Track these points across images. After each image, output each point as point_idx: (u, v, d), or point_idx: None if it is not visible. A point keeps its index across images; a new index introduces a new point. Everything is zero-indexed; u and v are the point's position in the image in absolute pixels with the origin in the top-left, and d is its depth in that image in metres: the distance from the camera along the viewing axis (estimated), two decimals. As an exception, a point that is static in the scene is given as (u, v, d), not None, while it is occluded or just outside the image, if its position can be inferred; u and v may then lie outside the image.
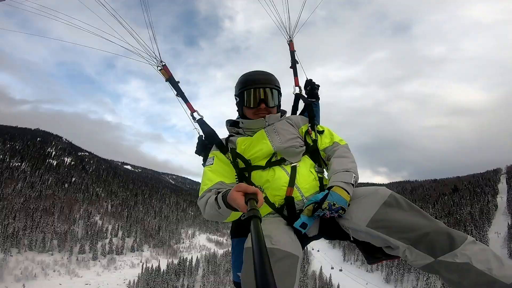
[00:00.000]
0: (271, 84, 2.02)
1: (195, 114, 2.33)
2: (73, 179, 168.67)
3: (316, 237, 1.81)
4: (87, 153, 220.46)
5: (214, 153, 2.01)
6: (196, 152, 2.35)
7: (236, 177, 1.92)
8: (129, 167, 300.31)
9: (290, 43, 2.70)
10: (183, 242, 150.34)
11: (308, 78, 2.57)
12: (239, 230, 1.98)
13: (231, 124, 2.19)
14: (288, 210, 1.78)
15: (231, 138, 2.05)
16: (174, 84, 2.40)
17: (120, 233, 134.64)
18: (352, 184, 1.73)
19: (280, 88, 2.07)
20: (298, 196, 1.78)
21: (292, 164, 1.87)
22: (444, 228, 1.46)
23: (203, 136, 2.29)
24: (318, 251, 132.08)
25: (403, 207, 1.56)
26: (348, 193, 1.67)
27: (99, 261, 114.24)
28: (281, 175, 1.83)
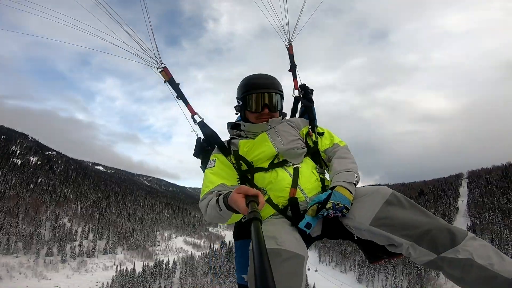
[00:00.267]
0: (274, 89, 2.04)
1: (196, 117, 2.35)
2: (39, 179, 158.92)
3: (319, 237, 1.84)
4: (55, 153, 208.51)
5: (216, 155, 2.03)
6: (194, 155, 2.39)
7: (238, 179, 1.94)
8: (101, 167, 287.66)
9: (289, 47, 2.74)
10: (159, 245, 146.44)
11: (302, 83, 2.64)
12: (242, 232, 2.01)
13: (232, 126, 2.21)
14: (292, 210, 1.80)
15: (233, 140, 2.07)
16: (175, 86, 2.40)
17: (91, 235, 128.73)
18: (354, 184, 1.78)
19: (282, 92, 2.11)
20: (302, 197, 1.81)
21: (295, 166, 1.90)
22: (445, 225, 1.50)
23: (202, 138, 2.34)
24: None
25: (404, 205, 1.59)
26: (351, 193, 1.70)
27: (68, 263, 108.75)
28: (284, 176, 1.85)
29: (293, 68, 2.68)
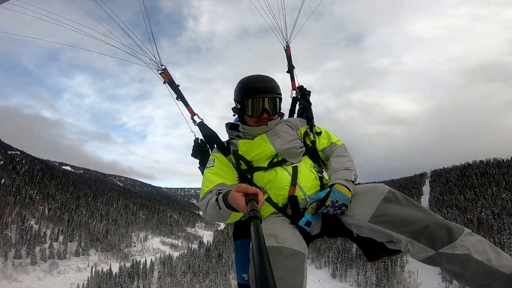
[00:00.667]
0: (273, 92, 2.04)
1: (195, 118, 2.37)
2: (3, 180, 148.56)
3: (319, 236, 1.86)
4: (18, 152, 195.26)
5: (215, 155, 2.04)
6: (192, 155, 2.43)
7: (238, 178, 1.96)
8: (68, 168, 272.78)
9: (287, 48, 2.75)
10: (135, 246, 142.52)
11: (299, 85, 2.66)
12: (241, 231, 2.03)
13: (230, 127, 2.22)
14: (292, 209, 1.82)
15: (232, 141, 2.10)
16: (175, 87, 2.41)
17: (61, 237, 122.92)
18: (353, 181, 1.80)
19: (281, 95, 2.11)
20: (301, 195, 1.82)
21: (293, 165, 1.93)
22: (442, 221, 1.51)
23: (199, 139, 2.38)
24: None
25: (401, 202, 1.62)
26: (350, 190, 1.72)
27: (39, 265, 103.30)
28: (283, 175, 1.87)
29: (290, 70, 2.73)
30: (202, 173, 2.19)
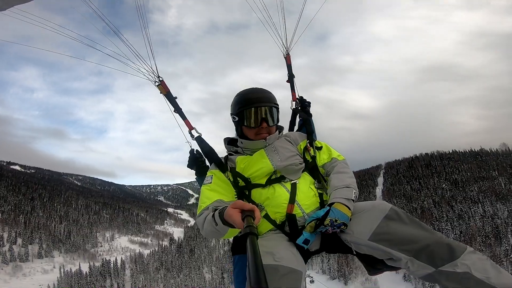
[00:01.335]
0: (270, 102, 2.01)
1: (193, 132, 2.33)
2: None
3: (318, 252, 1.83)
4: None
5: (213, 171, 2.01)
6: (188, 166, 2.42)
7: (236, 195, 1.94)
8: (17, 167, 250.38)
9: (287, 57, 2.69)
10: (101, 246, 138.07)
11: (299, 95, 2.60)
12: (239, 247, 1.96)
13: (229, 142, 2.20)
14: (290, 226, 1.79)
15: (230, 157, 2.07)
16: (172, 100, 2.38)
17: (19, 240, 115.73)
18: (353, 200, 1.77)
19: (278, 105, 2.08)
20: (299, 213, 1.79)
21: (292, 181, 1.89)
22: (444, 240, 1.51)
23: (195, 150, 2.38)
24: None
25: (404, 220, 1.59)
26: (349, 209, 1.69)
27: (1, 269, 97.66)
28: (281, 192, 1.84)
29: (291, 79, 2.68)
30: (199, 184, 2.29)
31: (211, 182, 1.93)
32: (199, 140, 2.29)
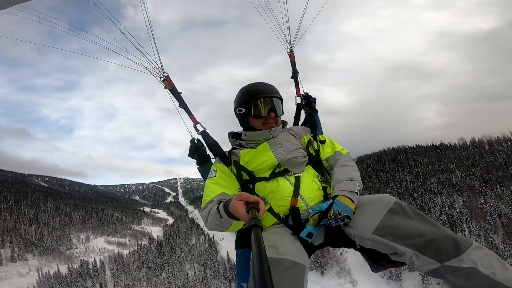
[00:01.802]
0: (276, 93, 2.08)
1: (198, 126, 2.37)
2: None
3: (321, 246, 1.82)
4: None
5: (217, 165, 2.03)
6: (189, 155, 2.46)
7: (239, 189, 1.95)
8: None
9: (291, 53, 2.71)
10: (77, 248, 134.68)
11: (304, 92, 2.63)
12: (244, 241, 1.98)
13: (233, 136, 2.24)
14: (293, 220, 1.79)
15: (234, 150, 2.09)
16: (177, 95, 2.41)
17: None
18: (357, 193, 1.75)
19: (282, 98, 2.14)
20: (303, 206, 1.79)
21: (296, 175, 1.90)
22: (450, 234, 1.49)
23: (195, 139, 2.42)
24: (222, 239, 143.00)
25: (408, 214, 1.58)
26: (353, 202, 1.68)
27: None
28: (285, 185, 1.85)
29: (295, 75, 2.72)
30: (201, 174, 2.41)
31: (215, 176, 1.95)
32: (204, 134, 2.34)
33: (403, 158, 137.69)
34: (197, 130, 2.37)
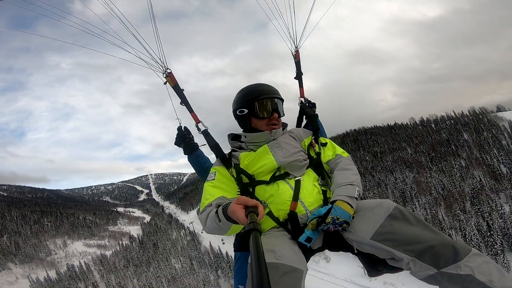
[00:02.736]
0: (278, 95, 2.12)
1: (200, 125, 2.37)
2: None
3: (320, 249, 1.84)
4: None
5: (216, 168, 2.03)
6: (175, 143, 2.46)
7: (239, 192, 1.95)
8: None
9: (296, 53, 2.72)
10: (56, 253, 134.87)
11: (305, 96, 2.64)
12: (243, 244, 2.01)
13: (232, 138, 2.24)
14: (292, 224, 1.81)
15: (233, 153, 2.09)
16: (180, 92, 2.41)
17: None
18: (356, 198, 1.77)
19: (283, 99, 2.18)
20: (302, 210, 1.81)
21: (296, 178, 1.91)
22: (449, 241, 1.49)
23: (183, 126, 2.43)
24: (203, 231, 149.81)
25: (408, 219, 1.59)
26: (352, 207, 1.70)
27: None
28: (285, 189, 1.86)
29: (299, 76, 2.72)
30: (191, 164, 2.46)
31: (214, 179, 1.95)
32: (205, 133, 2.33)
33: (363, 139, 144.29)
34: (198, 129, 2.38)
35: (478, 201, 59.46)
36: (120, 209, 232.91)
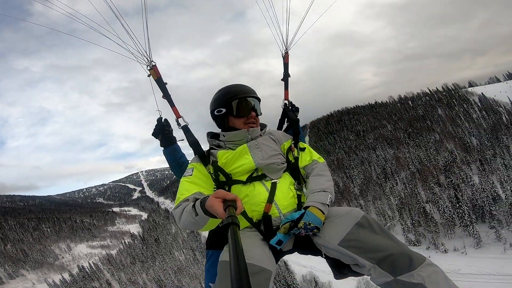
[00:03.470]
0: (255, 94, 2.20)
1: (180, 120, 2.38)
2: None
3: (290, 251, 1.93)
4: None
5: (194, 164, 2.08)
6: (153, 134, 2.48)
7: (215, 189, 1.99)
8: None
9: (286, 55, 2.75)
10: (63, 257, 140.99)
11: (288, 100, 2.68)
12: (215, 242, 2.05)
13: (211, 136, 2.28)
14: (265, 226, 1.88)
15: (212, 151, 2.13)
16: (162, 85, 2.42)
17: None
18: (328, 205, 1.87)
19: (260, 99, 2.26)
20: (276, 213, 1.88)
21: (273, 181, 1.97)
22: (406, 251, 1.60)
23: (163, 118, 2.45)
24: None
25: (373, 228, 1.70)
26: (323, 213, 1.80)
27: None
28: (260, 190, 1.93)
29: (286, 78, 2.77)
30: (166, 158, 2.51)
31: (191, 175, 1.98)
32: (185, 129, 2.35)
33: (346, 119, 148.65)
34: (178, 124, 2.39)
35: (451, 174, 62.85)
36: (116, 209, 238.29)
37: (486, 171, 61.46)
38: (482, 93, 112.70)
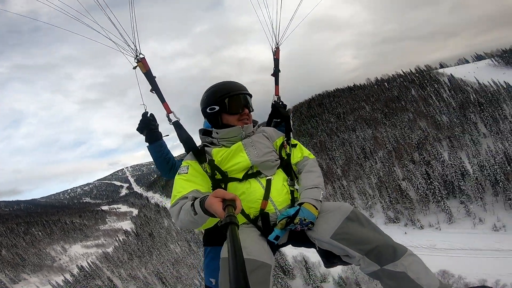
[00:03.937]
0: (247, 91, 2.23)
1: (171, 116, 2.36)
2: None
3: (285, 245, 2.10)
4: None
5: (189, 162, 2.08)
6: (137, 129, 2.44)
7: (212, 187, 2.04)
8: None
9: (276, 50, 2.77)
10: (60, 259, 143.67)
11: (278, 95, 2.69)
12: (212, 239, 2.14)
13: (203, 133, 2.29)
14: (262, 222, 1.97)
15: (206, 148, 2.16)
16: (151, 79, 2.38)
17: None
18: (320, 201, 2.01)
19: (252, 95, 2.29)
20: (272, 209, 1.98)
21: (267, 177, 2.05)
22: (391, 242, 1.78)
23: (149, 113, 2.45)
24: None
25: (361, 222, 1.86)
26: (317, 209, 1.93)
27: None
28: (256, 187, 2.01)
29: (276, 73, 2.78)
30: (151, 154, 2.50)
31: (187, 173, 2.00)
32: (177, 125, 2.34)
33: (327, 102, 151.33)
34: (169, 120, 2.36)
35: (423, 151, 65.87)
36: (105, 207, 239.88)
37: (455, 147, 66.11)
38: (451, 74, 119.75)
